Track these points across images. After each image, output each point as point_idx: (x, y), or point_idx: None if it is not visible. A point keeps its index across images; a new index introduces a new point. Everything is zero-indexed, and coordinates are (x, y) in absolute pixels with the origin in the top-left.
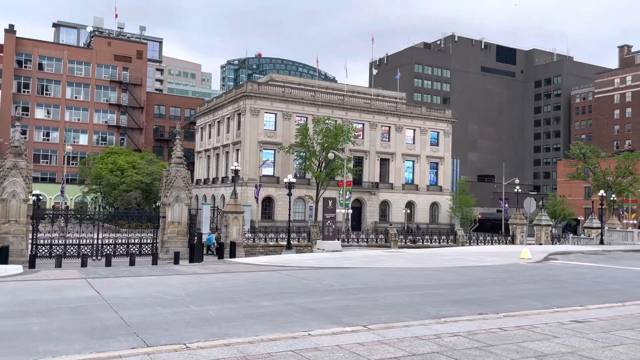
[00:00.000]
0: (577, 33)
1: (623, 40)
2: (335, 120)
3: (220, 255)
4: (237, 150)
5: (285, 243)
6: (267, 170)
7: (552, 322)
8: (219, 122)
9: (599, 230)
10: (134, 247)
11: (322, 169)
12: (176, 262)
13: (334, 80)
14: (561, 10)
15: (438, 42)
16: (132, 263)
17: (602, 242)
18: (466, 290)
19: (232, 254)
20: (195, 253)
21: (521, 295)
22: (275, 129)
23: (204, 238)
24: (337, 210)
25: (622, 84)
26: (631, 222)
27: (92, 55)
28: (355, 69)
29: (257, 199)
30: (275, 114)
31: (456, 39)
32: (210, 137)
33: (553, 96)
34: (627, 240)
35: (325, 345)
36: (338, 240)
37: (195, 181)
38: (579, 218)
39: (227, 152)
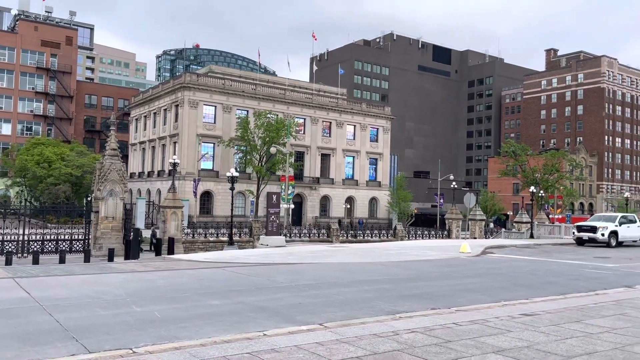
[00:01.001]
0: (507, 36)
1: (550, 44)
2: (277, 115)
3: (158, 252)
4: (175, 143)
5: (226, 239)
6: (206, 164)
7: (503, 316)
8: (155, 113)
9: (528, 225)
10: (64, 243)
11: (263, 164)
12: (110, 259)
13: (274, 74)
14: (493, 14)
15: (377, 40)
16: (62, 261)
17: (532, 236)
18: (415, 284)
19: (171, 251)
20: (132, 250)
21: (469, 289)
22: (214, 122)
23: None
24: (282, 205)
25: (548, 86)
26: (557, 217)
27: (17, 39)
28: (296, 64)
29: (195, 193)
30: (215, 107)
31: (395, 38)
32: (145, 129)
33: (485, 96)
34: (555, 235)
35: (282, 346)
36: (282, 235)
37: (129, 175)
38: (508, 213)
39: (164, 145)
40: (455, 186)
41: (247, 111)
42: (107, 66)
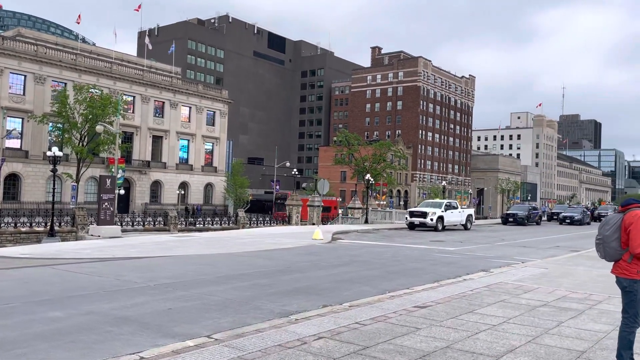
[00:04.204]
0: (336, 31)
1: (375, 41)
2: (102, 90)
3: None
4: None
5: (42, 229)
6: (12, 142)
7: (399, 310)
8: None
9: (361, 211)
10: None
11: (84, 144)
12: None
13: (91, 45)
14: (323, 8)
15: (212, 21)
16: None
17: (367, 221)
18: (290, 277)
19: None
20: None
21: (347, 280)
22: (24, 94)
23: None
24: (117, 191)
25: (373, 81)
26: (382, 202)
27: None
28: (120, 38)
29: None
30: (25, 76)
31: (230, 20)
32: None
33: (317, 87)
34: (387, 220)
35: None
36: (117, 224)
37: None
38: (338, 199)
39: None
40: (297, 173)
41: (65, 84)
42: None
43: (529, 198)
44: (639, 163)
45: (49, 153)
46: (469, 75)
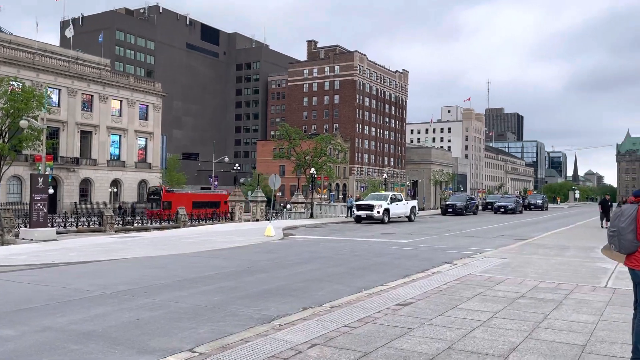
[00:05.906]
0: (271, 24)
1: (309, 35)
2: (23, 83)
3: None
4: None
5: None
6: None
7: (382, 309)
8: None
9: (304, 205)
10: None
11: (6, 140)
12: None
13: (10, 35)
14: (256, 1)
15: (142, 11)
16: None
17: (312, 216)
18: (256, 278)
19: None
20: None
21: (315, 279)
22: None
23: None
24: (51, 191)
25: (310, 75)
26: (323, 196)
27: None
28: (42, 28)
29: None
30: None
31: (161, 11)
32: None
33: (252, 80)
34: (331, 213)
35: None
36: (52, 226)
37: None
38: (278, 194)
39: None
40: (239, 169)
41: None
42: None
43: (461, 189)
44: (558, 154)
45: None
46: (403, 69)
